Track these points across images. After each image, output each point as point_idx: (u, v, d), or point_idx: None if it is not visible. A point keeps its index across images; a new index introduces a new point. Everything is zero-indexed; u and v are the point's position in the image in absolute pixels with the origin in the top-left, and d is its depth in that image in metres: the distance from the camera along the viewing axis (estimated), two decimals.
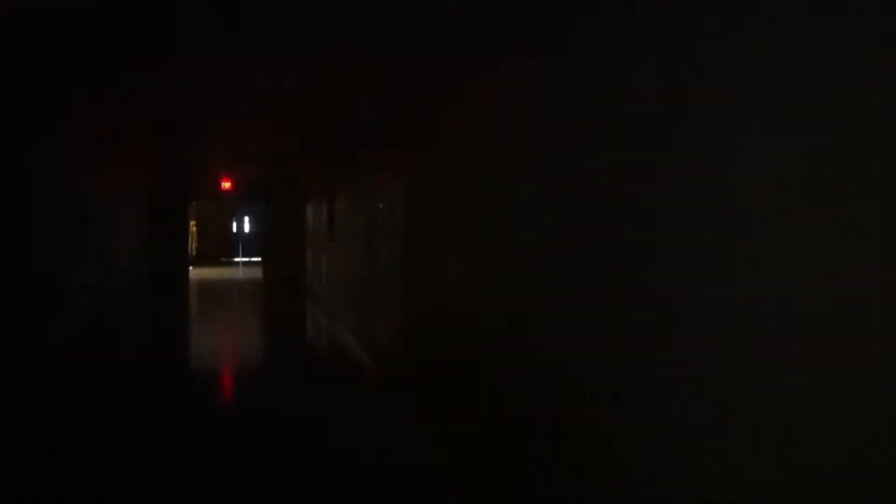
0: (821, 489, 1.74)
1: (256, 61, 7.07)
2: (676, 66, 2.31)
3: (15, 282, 5.68)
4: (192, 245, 24.97)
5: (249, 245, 27.67)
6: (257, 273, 20.47)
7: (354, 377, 7.22)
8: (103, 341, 9.04)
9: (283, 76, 7.66)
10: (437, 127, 5.43)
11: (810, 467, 1.77)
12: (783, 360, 1.84)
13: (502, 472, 3.79)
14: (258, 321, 12.48)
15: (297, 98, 8.27)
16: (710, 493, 2.10)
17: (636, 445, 2.51)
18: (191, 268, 22.46)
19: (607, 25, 2.74)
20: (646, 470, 2.45)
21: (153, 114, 9.76)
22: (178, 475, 4.35)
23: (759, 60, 1.95)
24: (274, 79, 7.71)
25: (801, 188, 1.81)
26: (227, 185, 16.81)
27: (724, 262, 2.08)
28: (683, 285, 2.24)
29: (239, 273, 22.53)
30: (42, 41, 5.46)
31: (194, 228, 25.34)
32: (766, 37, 1.94)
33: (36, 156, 6.35)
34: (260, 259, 21.02)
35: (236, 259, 28.00)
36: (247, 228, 28.54)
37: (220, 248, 27.75)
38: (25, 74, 5.92)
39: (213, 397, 6.45)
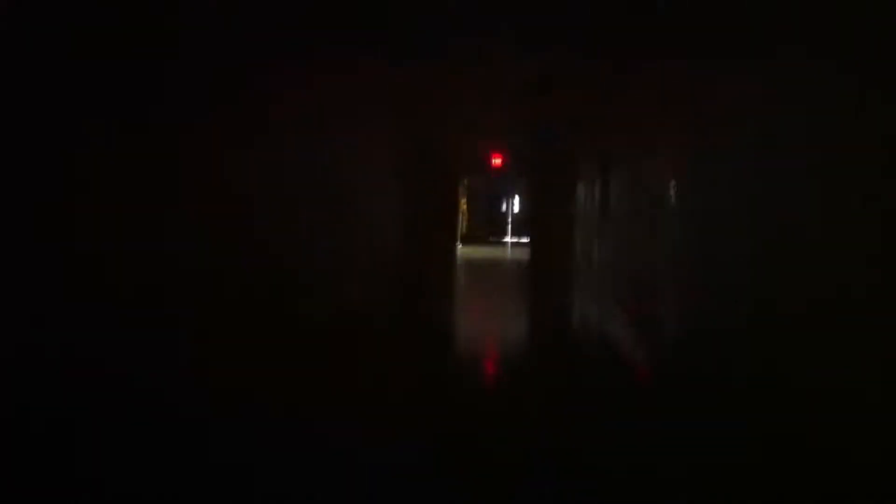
0: None
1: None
2: None
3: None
4: (464, 223, 24.92)
5: (519, 224, 27.11)
6: (524, 254, 19.67)
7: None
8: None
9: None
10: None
11: None
12: None
13: None
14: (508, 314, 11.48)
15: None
16: None
17: None
18: (459, 245, 22.35)
19: None
20: None
21: (419, 86, 9.14)
22: None
23: None
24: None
25: None
26: (497, 160, 16.04)
27: None
28: None
29: (506, 253, 21.95)
30: None
31: (465, 206, 25.22)
32: None
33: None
34: (528, 240, 20.12)
35: (505, 239, 27.59)
36: (517, 207, 28.00)
37: (490, 226, 27.51)
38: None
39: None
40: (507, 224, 28.34)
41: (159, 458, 3.63)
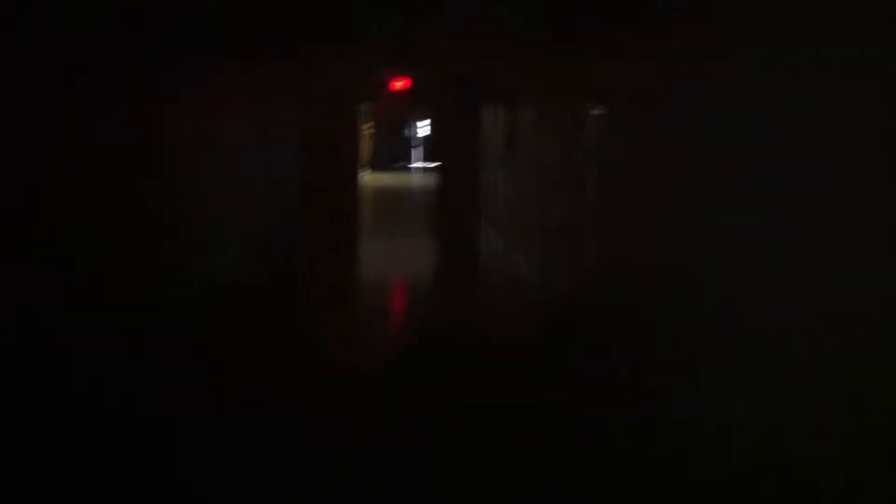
0: None
1: None
2: None
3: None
4: (367, 149, 23.95)
5: (428, 150, 26.31)
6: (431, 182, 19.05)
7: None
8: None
9: None
10: None
11: None
12: None
13: None
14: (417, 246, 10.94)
15: None
16: None
17: None
18: (365, 174, 21.49)
19: None
20: None
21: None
22: None
23: None
24: None
25: None
26: (398, 85, 15.12)
27: None
28: None
29: (412, 181, 21.28)
30: None
31: (368, 132, 24.20)
32: None
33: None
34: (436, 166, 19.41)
35: (412, 165, 26.81)
36: (424, 132, 27.10)
37: (397, 152, 26.63)
38: None
39: None
40: (412, 149, 27.48)
41: None
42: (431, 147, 24.24)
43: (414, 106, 22.40)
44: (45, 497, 2.98)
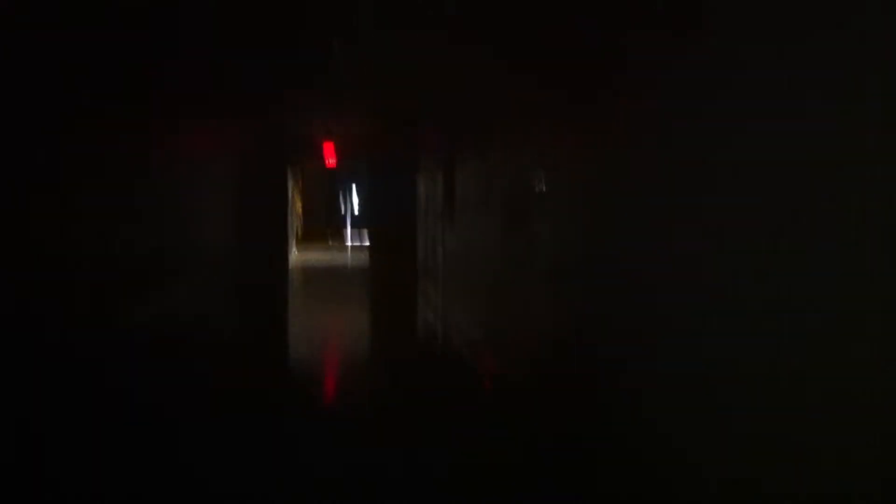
0: None
1: None
2: None
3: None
4: (297, 224, 22.91)
5: (359, 222, 25.34)
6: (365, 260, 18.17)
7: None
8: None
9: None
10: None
11: None
12: None
13: None
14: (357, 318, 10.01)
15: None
16: None
17: None
18: (294, 251, 20.47)
19: None
20: None
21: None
22: None
23: None
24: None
25: None
26: (330, 151, 14.38)
27: None
28: None
29: (346, 258, 20.36)
30: None
31: (299, 205, 23.25)
32: None
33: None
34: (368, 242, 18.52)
35: (346, 241, 25.85)
36: (356, 203, 26.16)
37: (329, 227, 25.64)
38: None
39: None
40: (346, 224, 26.51)
41: None
42: (364, 214, 23.36)
43: (347, 175, 21.60)
44: None
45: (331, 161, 15.02)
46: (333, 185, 25.16)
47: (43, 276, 3.75)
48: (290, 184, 17.22)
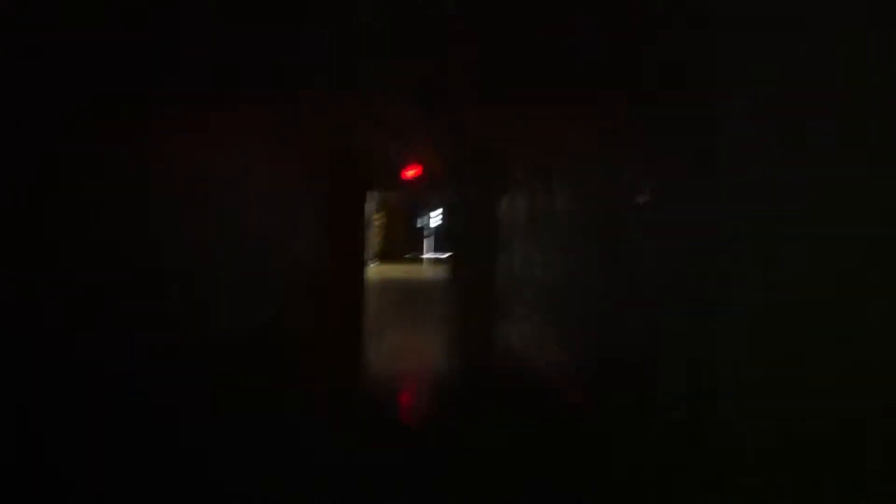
0: None
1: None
2: None
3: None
4: (378, 240, 23.13)
5: (439, 240, 25.50)
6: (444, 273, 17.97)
7: None
8: None
9: None
10: None
11: None
12: None
13: None
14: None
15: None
16: None
17: None
18: (372, 265, 20.53)
19: None
20: None
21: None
22: None
23: None
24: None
25: None
26: (411, 172, 14.28)
27: None
28: None
29: (424, 272, 20.23)
30: None
31: (379, 222, 23.42)
32: None
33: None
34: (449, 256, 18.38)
35: (423, 255, 25.92)
36: (436, 222, 26.31)
37: (407, 243, 25.76)
38: None
39: None
40: (424, 239, 26.64)
41: None
42: (443, 236, 23.32)
43: (428, 194, 21.62)
44: None
45: (412, 182, 14.90)
46: (415, 205, 25.23)
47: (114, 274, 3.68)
48: (371, 203, 17.25)
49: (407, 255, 24.92)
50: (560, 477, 4.03)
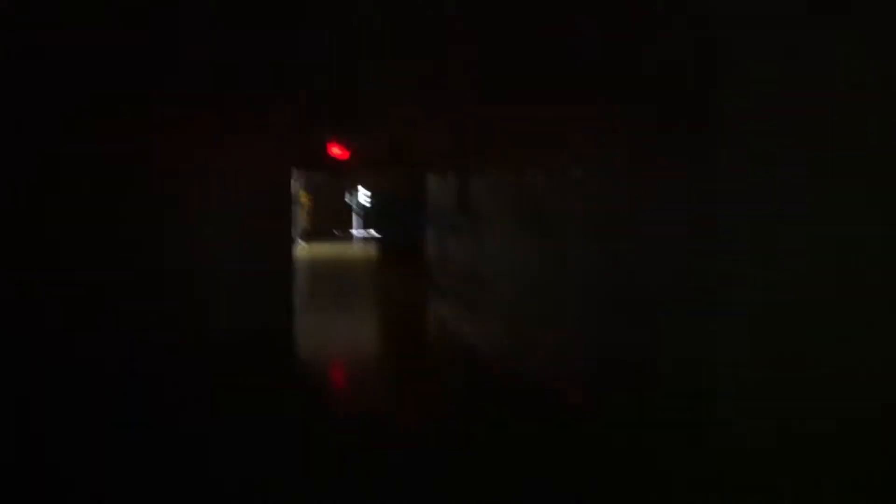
0: None
1: None
2: None
3: None
4: (305, 218, 23.87)
5: (367, 218, 25.63)
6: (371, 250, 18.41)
7: None
8: None
9: None
10: None
11: None
12: None
13: None
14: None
15: None
16: None
17: None
18: (301, 243, 21.16)
19: None
20: None
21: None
22: None
23: None
24: None
25: None
26: (337, 152, 14.19)
27: None
28: None
29: (352, 250, 20.66)
30: None
31: (306, 200, 23.98)
32: None
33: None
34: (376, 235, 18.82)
35: (352, 234, 26.25)
36: (363, 201, 26.33)
37: (336, 221, 26.02)
38: None
39: None
40: (351, 218, 26.92)
41: None
42: (372, 215, 23.28)
43: (355, 174, 21.55)
44: None
45: (336, 153, 14.77)
46: (342, 184, 25.30)
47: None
48: (296, 182, 17.62)
49: (336, 233, 25.24)
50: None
